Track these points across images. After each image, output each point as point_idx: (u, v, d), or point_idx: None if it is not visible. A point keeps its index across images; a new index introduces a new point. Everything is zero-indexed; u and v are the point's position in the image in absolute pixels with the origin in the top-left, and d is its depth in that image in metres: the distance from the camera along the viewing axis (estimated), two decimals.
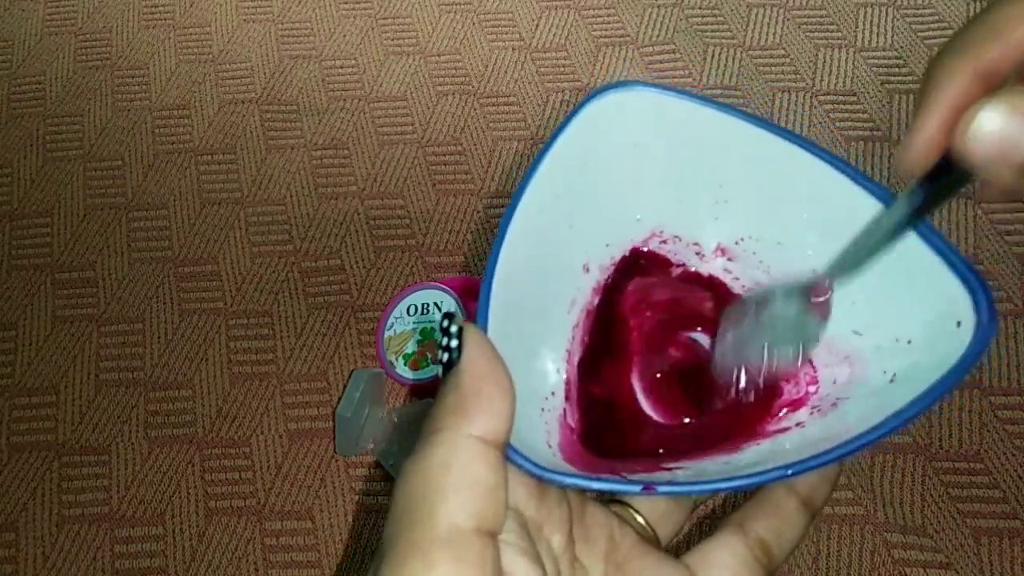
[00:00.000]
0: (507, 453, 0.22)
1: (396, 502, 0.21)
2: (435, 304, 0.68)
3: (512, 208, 0.28)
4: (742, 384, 0.30)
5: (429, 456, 0.21)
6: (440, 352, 0.23)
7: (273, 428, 0.70)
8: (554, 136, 0.29)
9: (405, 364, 0.66)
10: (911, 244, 0.26)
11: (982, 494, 0.62)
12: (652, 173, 0.31)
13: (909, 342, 0.27)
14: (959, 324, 0.24)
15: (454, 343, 0.22)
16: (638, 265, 0.32)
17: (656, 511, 0.27)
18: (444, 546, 0.19)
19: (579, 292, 0.31)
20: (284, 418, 0.70)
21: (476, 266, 0.75)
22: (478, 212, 0.78)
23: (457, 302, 0.67)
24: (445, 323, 0.23)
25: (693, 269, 0.32)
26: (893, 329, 0.27)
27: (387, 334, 0.68)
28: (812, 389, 0.29)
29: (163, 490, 0.68)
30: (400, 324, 0.68)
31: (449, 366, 0.22)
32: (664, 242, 0.32)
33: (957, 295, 0.25)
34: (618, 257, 0.32)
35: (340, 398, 0.66)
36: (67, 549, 0.67)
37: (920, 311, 0.26)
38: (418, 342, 0.67)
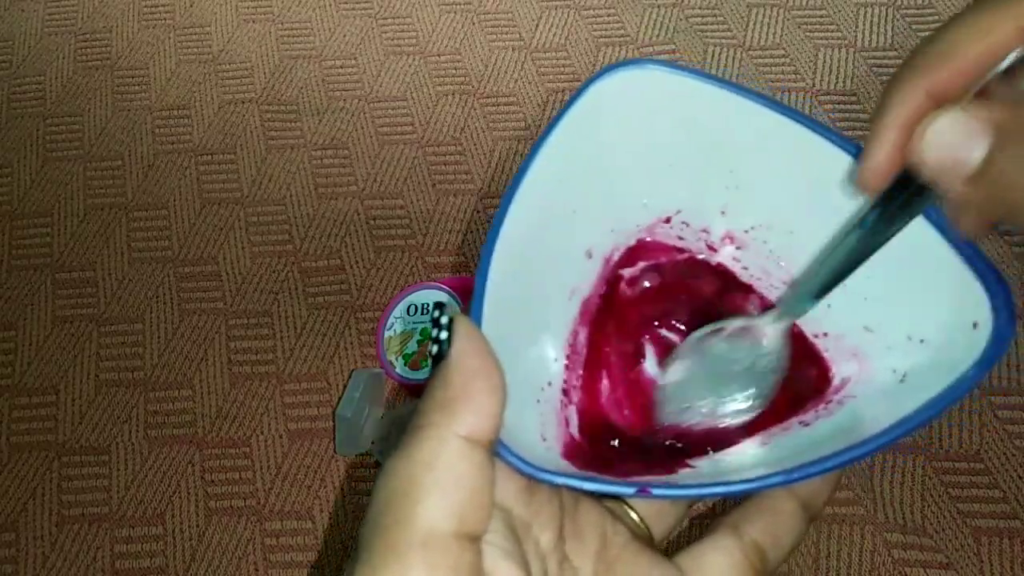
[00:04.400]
0: (496, 450, 0.22)
1: (375, 500, 0.20)
2: (435, 304, 0.68)
3: (513, 189, 0.26)
4: (689, 425, 0.28)
5: (412, 453, 0.20)
6: (430, 344, 0.22)
7: (273, 428, 0.70)
8: (559, 116, 0.28)
9: (405, 364, 0.66)
10: (930, 238, 0.25)
11: (982, 494, 0.62)
12: (661, 156, 0.30)
13: (922, 341, 0.25)
14: (975, 325, 0.23)
15: (444, 335, 0.21)
16: (643, 252, 0.31)
17: (651, 508, 0.27)
18: (420, 550, 0.19)
19: (581, 279, 0.30)
20: (284, 418, 0.70)
21: (476, 266, 0.75)
22: (478, 212, 0.78)
23: (457, 302, 0.67)
24: (436, 314, 0.22)
25: (701, 257, 0.31)
26: (905, 327, 0.26)
27: (387, 334, 0.68)
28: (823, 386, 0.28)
29: (163, 490, 0.68)
30: (400, 324, 0.68)
31: (438, 359, 0.21)
32: (671, 228, 0.31)
33: (975, 295, 0.24)
34: (623, 244, 0.31)
35: (340, 398, 0.66)
36: (67, 549, 0.67)
37: (935, 309, 0.25)
38: (418, 342, 0.67)
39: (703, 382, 0.29)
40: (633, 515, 0.26)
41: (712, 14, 0.87)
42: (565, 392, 0.29)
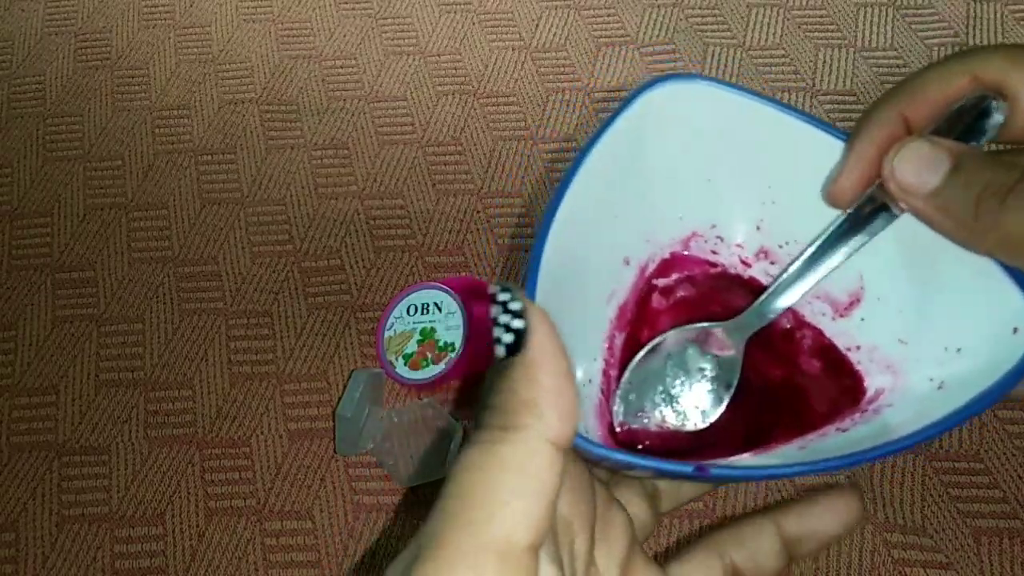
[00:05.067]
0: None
1: (452, 492, 0.18)
2: (435, 304, 0.68)
3: (560, 192, 0.27)
4: (650, 423, 0.29)
5: (500, 453, 0.18)
6: (499, 330, 0.19)
7: (273, 428, 0.70)
8: (606, 124, 0.28)
9: (405, 364, 0.66)
10: (964, 250, 0.25)
11: (982, 494, 0.62)
12: (700, 169, 0.30)
13: (959, 350, 0.26)
14: (1015, 331, 0.23)
15: (516, 323, 0.19)
16: (677, 264, 0.31)
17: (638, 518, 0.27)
18: (496, 559, 0.18)
19: (619, 285, 0.30)
20: (284, 418, 0.70)
21: (476, 266, 0.75)
22: (478, 212, 0.78)
23: (457, 302, 0.67)
24: (504, 296, 0.19)
25: (733, 271, 0.31)
26: (942, 338, 0.26)
27: (387, 334, 0.68)
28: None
29: (163, 490, 0.68)
30: (400, 324, 0.68)
31: (514, 350, 0.19)
32: (706, 243, 0.31)
33: (1014, 300, 0.24)
34: (657, 255, 0.31)
35: (340, 398, 0.66)
36: (67, 549, 0.67)
37: (972, 318, 0.25)
38: (418, 342, 0.67)
39: (657, 389, 0.30)
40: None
41: (712, 14, 0.87)
42: (603, 390, 0.29)
